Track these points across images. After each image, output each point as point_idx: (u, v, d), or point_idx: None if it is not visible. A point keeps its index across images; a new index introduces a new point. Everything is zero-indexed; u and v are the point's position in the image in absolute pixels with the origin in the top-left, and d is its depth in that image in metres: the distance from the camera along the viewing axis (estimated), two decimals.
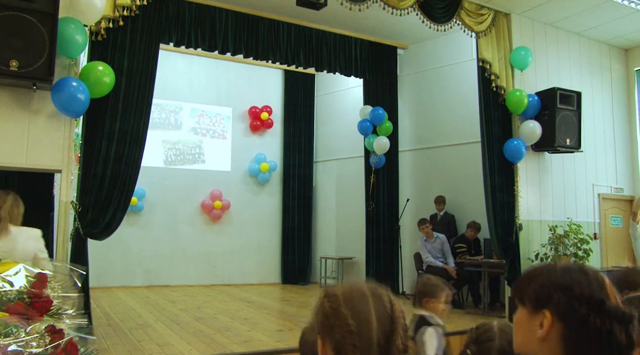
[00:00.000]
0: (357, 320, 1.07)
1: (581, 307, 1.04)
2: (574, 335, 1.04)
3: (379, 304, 1.10)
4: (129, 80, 5.03)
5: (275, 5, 6.42)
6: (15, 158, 4.20)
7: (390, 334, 1.08)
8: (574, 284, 1.07)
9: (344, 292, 1.12)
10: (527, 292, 1.13)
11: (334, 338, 1.07)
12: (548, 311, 1.07)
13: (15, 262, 1.94)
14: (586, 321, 1.03)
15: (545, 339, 1.07)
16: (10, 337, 1.60)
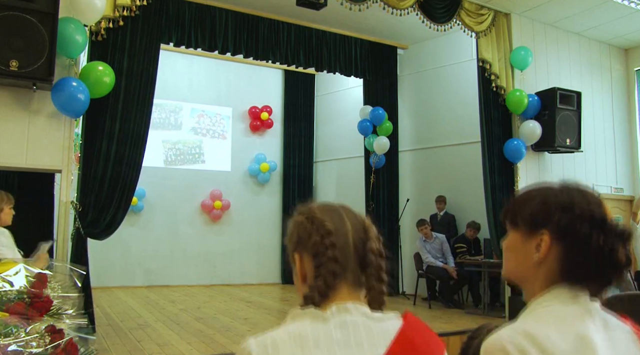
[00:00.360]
0: (332, 223, 1.08)
1: (583, 226, 1.00)
2: (574, 256, 1.01)
3: (350, 213, 1.13)
4: (129, 80, 5.03)
5: (275, 5, 6.42)
6: (15, 158, 4.20)
7: (365, 240, 1.10)
8: (575, 203, 1.03)
9: (317, 206, 1.14)
10: (523, 213, 1.08)
11: (312, 243, 1.07)
12: (547, 232, 1.03)
13: (15, 262, 1.94)
14: (588, 240, 0.99)
15: (542, 262, 1.04)
16: (10, 337, 1.60)
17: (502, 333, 0.95)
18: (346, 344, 1.00)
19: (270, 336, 1.01)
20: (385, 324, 1.05)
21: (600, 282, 1.02)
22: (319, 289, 1.05)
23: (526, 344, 0.91)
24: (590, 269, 1.00)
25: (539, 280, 1.04)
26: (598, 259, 0.99)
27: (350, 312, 1.04)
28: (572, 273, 1.01)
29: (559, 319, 0.97)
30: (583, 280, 1.01)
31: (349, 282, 1.08)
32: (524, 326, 0.95)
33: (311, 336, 1.00)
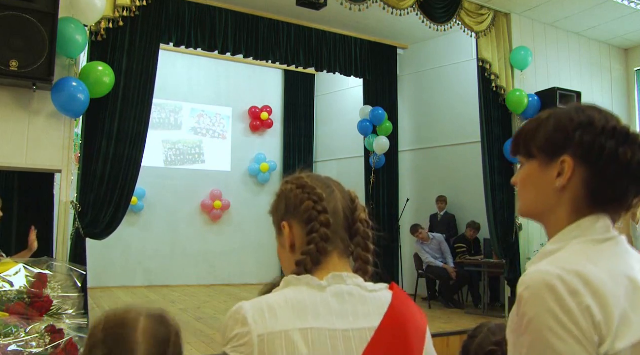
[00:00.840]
0: (323, 190, 1.08)
1: (608, 140, 0.92)
2: (602, 176, 0.92)
3: (337, 184, 1.14)
4: (129, 80, 5.03)
5: (275, 5, 6.42)
6: (15, 158, 4.20)
7: (354, 209, 1.11)
8: (594, 119, 0.95)
9: (305, 174, 1.13)
10: (537, 140, 0.99)
11: (304, 209, 1.06)
12: (568, 155, 0.94)
13: (15, 262, 1.94)
14: (616, 156, 0.91)
15: (565, 188, 0.95)
16: (10, 337, 1.60)
17: (548, 269, 0.85)
18: (343, 314, 1.00)
19: (266, 301, 0.98)
20: (377, 295, 1.06)
21: (625, 203, 0.94)
22: (312, 253, 1.04)
23: (578, 283, 0.82)
24: (618, 188, 0.92)
25: (565, 210, 0.95)
26: (627, 174, 0.92)
27: (345, 282, 1.03)
28: (600, 196, 0.93)
29: (605, 257, 0.89)
30: (610, 204, 0.94)
31: (340, 250, 1.08)
32: (571, 264, 0.85)
33: (309, 305, 0.98)
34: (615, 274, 0.86)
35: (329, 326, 0.97)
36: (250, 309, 0.98)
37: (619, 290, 0.84)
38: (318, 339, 0.96)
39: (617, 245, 0.93)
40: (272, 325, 0.95)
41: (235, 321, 0.98)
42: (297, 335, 0.95)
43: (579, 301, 0.81)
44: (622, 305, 0.83)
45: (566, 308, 0.80)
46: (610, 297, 0.82)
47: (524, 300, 0.84)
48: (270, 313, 0.97)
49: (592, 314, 0.80)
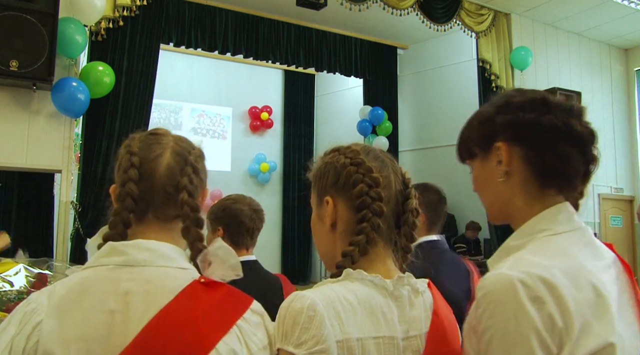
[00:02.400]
0: (379, 172, 0.98)
1: (528, 113, 0.92)
2: (537, 148, 0.91)
3: (393, 163, 1.04)
4: (129, 80, 5.03)
5: (275, 5, 6.42)
6: (15, 158, 4.20)
7: (407, 196, 1.02)
8: (509, 98, 0.95)
9: (360, 148, 1.02)
10: (472, 140, 0.99)
11: (357, 192, 0.96)
12: (500, 141, 0.93)
13: (15, 262, 1.94)
14: (540, 123, 0.91)
15: (510, 174, 0.93)
16: None
17: (511, 273, 0.80)
18: (402, 319, 0.93)
19: (337, 297, 0.87)
20: (423, 298, 0.99)
21: (573, 173, 0.93)
22: (360, 245, 0.94)
23: (542, 290, 0.79)
24: (557, 156, 0.91)
25: (520, 197, 0.93)
26: (560, 140, 0.90)
27: (404, 282, 0.96)
28: (545, 170, 0.92)
29: (570, 256, 0.85)
30: (559, 178, 0.92)
31: (385, 238, 0.98)
32: (536, 267, 0.81)
33: (378, 309, 0.90)
34: (579, 278, 0.83)
35: (394, 334, 0.91)
36: (325, 307, 0.85)
37: (582, 296, 0.81)
38: (391, 347, 0.89)
39: (582, 237, 0.91)
40: (350, 330, 0.85)
41: (310, 319, 0.83)
42: (371, 344, 0.87)
43: (540, 308, 0.77)
44: (584, 313, 0.80)
45: (527, 316, 0.77)
46: (573, 304, 0.79)
47: (483, 305, 0.81)
48: (346, 314, 0.86)
49: (554, 322, 0.77)
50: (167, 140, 0.97)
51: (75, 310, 0.82)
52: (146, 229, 0.95)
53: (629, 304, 0.88)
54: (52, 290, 0.87)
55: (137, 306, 0.83)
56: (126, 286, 0.85)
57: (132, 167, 0.93)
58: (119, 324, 0.81)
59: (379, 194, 0.96)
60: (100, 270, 0.88)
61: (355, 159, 0.99)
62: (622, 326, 0.83)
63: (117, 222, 0.97)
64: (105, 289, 0.84)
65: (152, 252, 0.90)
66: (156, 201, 0.94)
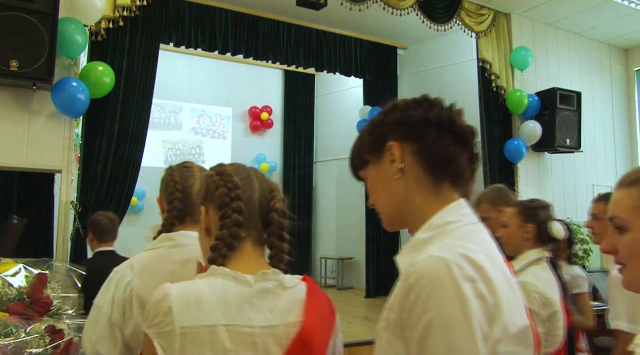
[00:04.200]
0: (240, 179, 1.14)
1: (415, 111, 0.98)
2: (426, 143, 0.96)
3: (259, 175, 1.20)
4: (129, 80, 5.03)
5: (275, 5, 6.42)
6: (15, 158, 4.19)
7: (270, 199, 1.16)
8: (397, 102, 1.02)
9: (229, 164, 1.22)
10: (364, 147, 1.03)
11: (219, 194, 1.12)
12: (391, 140, 0.97)
13: (15, 262, 1.94)
14: (427, 120, 0.96)
15: (404, 171, 0.96)
16: (10, 337, 1.60)
17: (440, 253, 0.83)
18: (264, 310, 1.04)
19: (194, 291, 1.01)
20: (296, 289, 1.10)
21: (460, 165, 0.97)
22: (225, 238, 1.08)
23: (471, 269, 0.82)
24: (445, 149, 0.95)
25: (417, 194, 0.96)
26: (445, 132, 0.96)
27: (269, 278, 1.07)
28: (436, 164, 0.95)
29: (479, 241, 0.91)
30: (450, 171, 0.96)
31: (253, 237, 1.13)
32: (461, 249, 0.84)
33: (235, 300, 1.02)
34: (495, 261, 0.89)
35: (250, 323, 1.02)
36: (176, 300, 0.99)
37: (500, 276, 0.86)
38: (241, 335, 1.00)
39: (484, 230, 0.96)
40: (196, 318, 0.98)
41: (160, 307, 0.99)
42: (222, 330, 0.99)
43: (474, 287, 0.80)
44: (505, 292, 0.84)
45: (465, 295, 0.78)
46: (496, 282, 0.83)
47: (416, 290, 0.80)
48: (196, 305, 0.99)
49: (485, 300, 0.80)
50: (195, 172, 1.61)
51: (151, 273, 1.35)
52: (185, 226, 1.47)
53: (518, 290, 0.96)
54: (131, 264, 1.43)
55: (186, 268, 1.33)
56: (178, 258, 1.38)
57: (177, 191, 1.48)
58: (176, 279, 1.09)
59: (238, 195, 1.11)
60: (160, 251, 1.45)
61: (219, 170, 1.18)
62: None
63: (167, 223, 1.47)
64: (166, 260, 1.39)
65: (189, 238, 1.42)
66: (192, 211, 1.45)
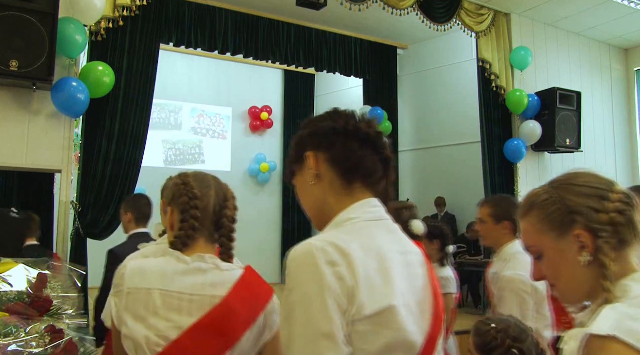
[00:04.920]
0: (200, 189, 1.41)
1: (324, 122, 1.11)
2: (336, 149, 1.08)
3: (218, 184, 1.46)
4: (129, 80, 5.03)
5: (275, 5, 6.42)
6: (15, 158, 4.20)
7: (223, 207, 1.43)
8: (312, 117, 1.15)
9: (192, 174, 1.47)
10: (291, 158, 1.16)
11: (181, 202, 1.40)
12: (308, 151, 1.10)
13: (15, 262, 1.94)
14: (335, 129, 1.09)
15: (320, 177, 1.09)
16: (10, 337, 1.60)
17: (313, 241, 0.96)
18: (196, 283, 1.33)
19: (143, 264, 1.35)
20: (231, 273, 1.38)
21: (371, 170, 1.09)
22: (181, 238, 1.38)
23: (335, 254, 0.93)
24: (355, 154, 1.07)
25: (332, 196, 1.08)
26: (351, 139, 1.08)
27: (206, 261, 1.37)
28: (348, 169, 1.08)
29: (364, 234, 1.01)
30: (361, 175, 1.08)
31: (205, 236, 1.41)
32: (333, 238, 0.97)
33: (171, 272, 1.33)
34: (372, 252, 0.99)
35: (181, 290, 1.31)
36: (129, 268, 1.34)
37: (371, 264, 0.97)
38: (170, 297, 1.30)
39: (386, 227, 1.08)
40: (139, 283, 1.31)
41: (119, 275, 1.35)
42: (156, 293, 1.30)
43: (335, 270, 0.92)
44: (371, 277, 0.95)
45: (322, 275, 0.91)
46: (362, 268, 0.94)
47: (288, 271, 0.95)
48: (141, 273, 1.33)
49: (344, 280, 0.92)
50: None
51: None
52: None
53: (424, 289, 1.07)
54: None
55: None
56: None
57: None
58: None
59: (196, 204, 1.39)
60: None
61: (185, 180, 1.44)
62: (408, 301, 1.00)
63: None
64: None
65: None
66: None
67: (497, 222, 2.38)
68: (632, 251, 1.02)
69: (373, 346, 0.93)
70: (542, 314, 2.19)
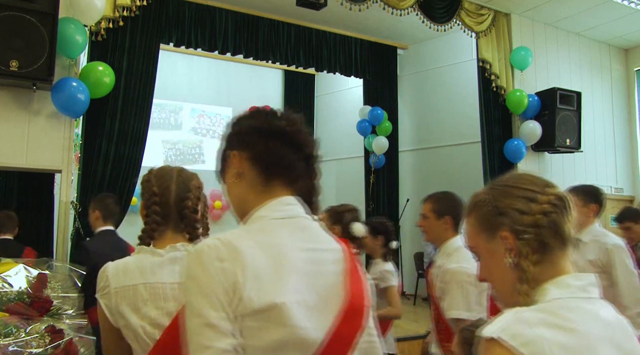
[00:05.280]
0: (159, 187, 1.53)
1: (245, 121, 1.16)
2: (256, 149, 1.12)
3: (181, 177, 1.55)
4: (129, 80, 5.03)
5: (275, 5, 6.42)
6: (15, 158, 4.20)
7: (185, 198, 1.52)
8: (237, 116, 1.20)
9: (156, 170, 1.57)
10: (220, 157, 1.21)
11: (146, 198, 1.53)
12: (232, 150, 1.14)
13: (15, 263, 1.94)
14: (254, 129, 1.14)
15: (242, 175, 1.13)
16: (10, 337, 1.60)
17: (207, 240, 1.02)
18: (174, 272, 1.43)
19: (123, 263, 1.43)
20: None
21: (290, 167, 1.12)
22: (147, 231, 1.51)
23: (224, 251, 0.97)
24: (272, 151, 1.11)
25: (252, 194, 1.12)
26: (270, 138, 1.11)
27: (179, 250, 1.47)
28: (267, 167, 1.11)
29: (267, 232, 1.05)
30: (280, 172, 1.12)
31: (172, 228, 1.52)
32: (228, 236, 1.01)
33: (149, 267, 1.42)
34: (272, 249, 1.01)
35: (162, 280, 1.42)
36: (111, 270, 1.43)
37: (264, 261, 0.98)
38: (154, 288, 1.40)
39: (297, 224, 1.09)
40: (124, 281, 1.40)
41: (102, 277, 1.42)
42: (141, 287, 1.40)
43: (222, 266, 0.96)
44: (261, 274, 0.97)
45: (209, 272, 0.96)
46: (250, 264, 0.97)
47: (186, 268, 1.02)
48: (123, 272, 1.42)
49: (229, 275, 0.95)
50: None
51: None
52: None
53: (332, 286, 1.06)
54: None
55: None
56: None
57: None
58: None
59: (156, 201, 1.51)
60: None
61: (148, 178, 1.56)
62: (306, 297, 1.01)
63: None
64: None
65: None
66: None
67: (438, 217, 2.42)
68: (563, 254, 1.01)
69: (262, 341, 0.95)
70: (481, 305, 2.25)
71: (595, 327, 0.91)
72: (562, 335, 0.87)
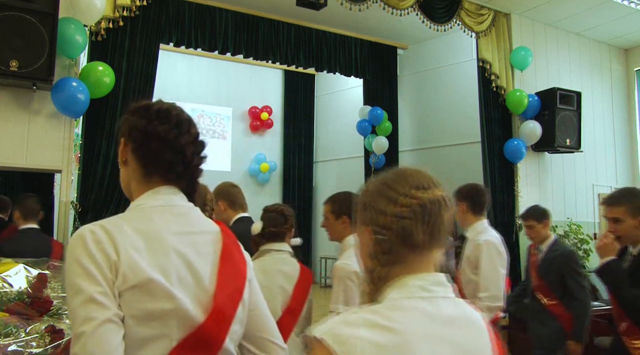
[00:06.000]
0: None
1: (132, 117, 1.23)
2: (138, 143, 1.21)
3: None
4: (129, 80, 5.03)
5: (275, 5, 6.42)
6: (16, 158, 4.20)
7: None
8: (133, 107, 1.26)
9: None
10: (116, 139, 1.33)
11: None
12: (122, 137, 1.24)
13: (15, 263, 1.94)
14: (136, 126, 1.21)
15: (126, 162, 1.24)
16: (10, 337, 1.60)
17: (88, 225, 1.11)
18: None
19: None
20: None
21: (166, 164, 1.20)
22: None
23: (102, 235, 1.08)
24: (151, 149, 1.20)
25: (134, 181, 1.23)
26: (146, 137, 1.20)
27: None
28: (145, 161, 1.21)
29: (143, 218, 1.16)
30: (158, 167, 1.20)
31: None
32: (106, 222, 1.12)
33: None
34: (145, 231, 1.13)
35: None
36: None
37: (138, 243, 1.10)
38: None
39: (172, 210, 1.19)
40: None
41: None
42: None
43: (100, 247, 1.06)
44: (134, 254, 1.08)
45: (89, 253, 1.06)
46: (124, 246, 1.08)
47: (67, 251, 1.09)
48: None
49: (108, 255, 1.06)
50: None
51: None
52: None
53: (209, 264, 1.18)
54: None
55: None
56: None
57: None
58: None
59: None
60: None
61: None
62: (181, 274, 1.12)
63: None
64: None
65: None
66: None
67: (337, 217, 2.55)
68: (418, 256, 1.01)
69: (140, 312, 1.06)
70: None
71: (420, 325, 0.94)
72: (380, 334, 0.90)
